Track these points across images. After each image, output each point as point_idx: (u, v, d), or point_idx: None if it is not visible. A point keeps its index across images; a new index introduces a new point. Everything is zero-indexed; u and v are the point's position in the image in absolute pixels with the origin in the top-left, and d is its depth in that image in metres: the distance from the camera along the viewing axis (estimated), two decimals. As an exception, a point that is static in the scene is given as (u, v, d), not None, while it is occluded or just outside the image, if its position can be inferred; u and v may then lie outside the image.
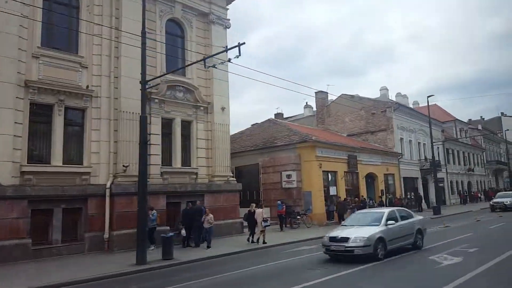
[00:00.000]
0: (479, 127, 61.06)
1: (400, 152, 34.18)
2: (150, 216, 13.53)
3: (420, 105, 57.57)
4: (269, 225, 16.66)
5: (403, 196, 32.61)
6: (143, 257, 11.41)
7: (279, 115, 44.16)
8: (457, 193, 45.76)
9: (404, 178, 34.26)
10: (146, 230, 11.94)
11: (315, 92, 37.72)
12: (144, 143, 11.96)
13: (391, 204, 25.32)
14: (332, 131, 37.53)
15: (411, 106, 54.42)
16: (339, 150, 25.29)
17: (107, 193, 14.45)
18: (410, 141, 36.82)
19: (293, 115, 51.26)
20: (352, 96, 37.01)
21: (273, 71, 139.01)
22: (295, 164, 22.99)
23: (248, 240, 16.41)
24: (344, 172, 25.64)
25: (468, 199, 46.26)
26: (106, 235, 14.28)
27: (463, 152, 50.50)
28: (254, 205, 17.45)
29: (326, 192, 23.97)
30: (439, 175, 42.07)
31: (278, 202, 20.47)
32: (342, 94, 37.91)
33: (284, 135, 25.48)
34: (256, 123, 33.72)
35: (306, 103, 48.49)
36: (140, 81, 12.48)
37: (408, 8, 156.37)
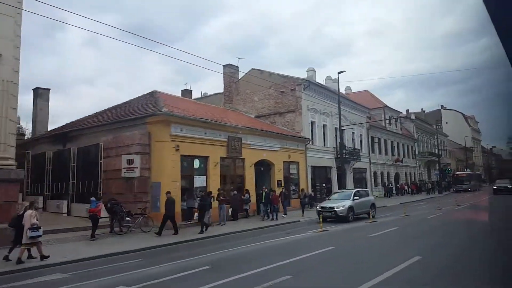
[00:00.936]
0: (412, 116, 58.60)
1: (310, 137, 29.45)
2: None
3: (353, 91, 53.90)
4: (40, 235, 10.73)
5: (309, 187, 27.93)
6: None
7: (186, 92, 37.99)
8: (381, 185, 42.40)
9: (313, 167, 29.59)
10: None
11: (223, 66, 32.10)
12: None
13: (267, 200, 20.08)
14: (240, 112, 32.14)
15: (343, 92, 50.51)
16: (213, 130, 19.67)
17: None
18: (324, 125, 32.22)
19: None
20: (262, 72, 31.67)
21: (233, 59, 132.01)
22: (141, 145, 17.02)
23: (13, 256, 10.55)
24: (221, 158, 20.15)
25: (393, 192, 43.11)
26: None
27: (392, 142, 47.30)
28: (27, 204, 11.41)
29: (190, 183, 18.38)
30: (361, 165, 38.24)
31: (92, 198, 14.47)
32: (252, 69, 32.49)
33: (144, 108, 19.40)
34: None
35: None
36: None
37: (370, 4, 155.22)
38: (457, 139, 77.48)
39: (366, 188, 29.23)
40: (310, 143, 29.41)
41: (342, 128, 27.67)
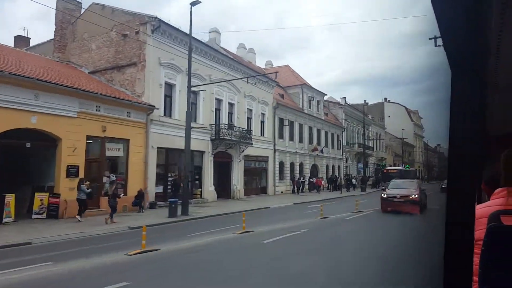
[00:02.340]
0: (342, 102, 51.24)
1: (162, 105, 20.09)
2: None
3: (275, 65, 45.17)
4: None
5: (150, 180, 18.60)
6: None
7: (20, 38, 27.14)
8: (289, 178, 34.13)
9: (164, 150, 20.33)
10: None
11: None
12: None
13: None
14: (74, 65, 22.14)
15: (262, 66, 41.66)
16: None
17: None
18: (196, 93, 22.92)
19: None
20: (104, 7, 21.72)
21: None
22: None
23: None
24: None
25: (305, 187, 35.08)
26: None
27: (311, 128, 39.22)
28: None
29: None
30: (261, 152, 29.64)
31: None
32: (93, 4, 22.48)
33: None
34: None
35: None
36: None
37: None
38: (399, 133, 72.12)
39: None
40: (161, 113, 20.09)
41: (194, 89, 18.39)
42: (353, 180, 41.87)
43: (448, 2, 1.03)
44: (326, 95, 43.82)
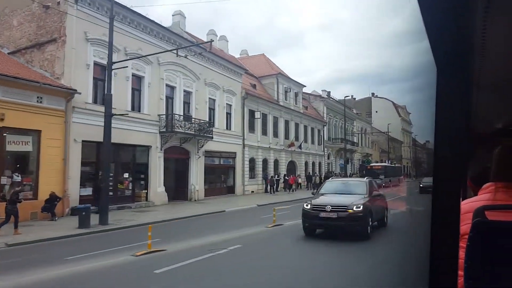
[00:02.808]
0: (324, 95, 48.20)
1: (90, 90, 16.71)
2: None
3: (250, 55, 41.78)
4: None
5: (69, 182, 15.23)
6: None
7: None
8: (262, 177, 30.93)
9: (98, 144, 16.85)
10: None
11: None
12: None
13: None
14: (-7, 46, 18.59)
15: (236, 55, 38.39)
16: None
17: None
18: (139, 77, 19.58)
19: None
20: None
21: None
22: None
23: None
24: None
25: (279, 186, 31.94)
26: None
27: (287, 121, 36.04)
28: None
29: None
30: (227, 147, 26.42)
31: None
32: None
33: None
34: None
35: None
36: None
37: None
38: (386, 128, 69.43)
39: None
40: (89, 99, 16.70)
41: (114, 67, 14.87)
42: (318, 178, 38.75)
43: (435, 2, 1.01)
44: (305, 86, 40.69)
